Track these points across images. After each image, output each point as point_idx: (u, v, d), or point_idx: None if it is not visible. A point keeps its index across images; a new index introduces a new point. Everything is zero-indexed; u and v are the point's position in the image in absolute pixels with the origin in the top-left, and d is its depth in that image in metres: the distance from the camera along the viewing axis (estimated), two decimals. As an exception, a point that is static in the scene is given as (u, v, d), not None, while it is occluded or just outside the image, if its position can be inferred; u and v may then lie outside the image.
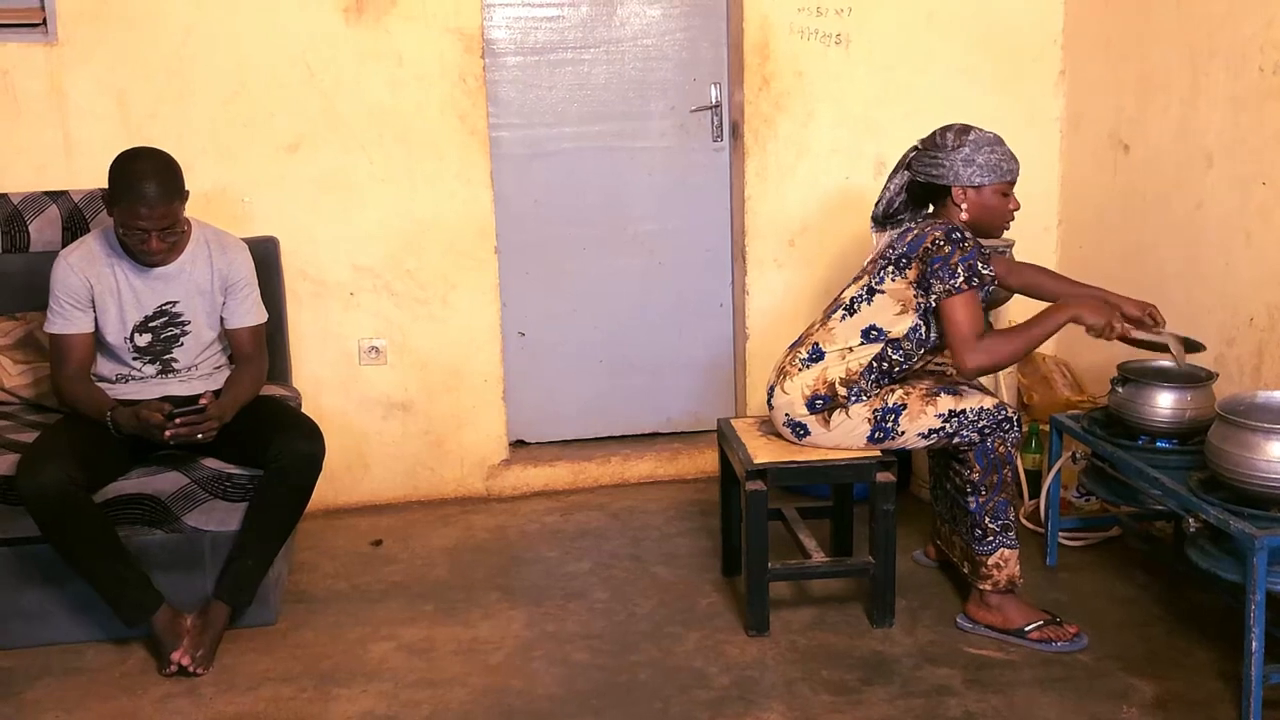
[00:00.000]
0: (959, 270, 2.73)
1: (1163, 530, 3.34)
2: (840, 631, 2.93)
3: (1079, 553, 3.33)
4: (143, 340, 3.00)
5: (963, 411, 2.83)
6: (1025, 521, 3.43)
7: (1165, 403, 2.87)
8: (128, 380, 3.02)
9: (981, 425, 2.83)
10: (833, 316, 2.93)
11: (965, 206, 2.84)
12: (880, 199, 2.99)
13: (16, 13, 3.49)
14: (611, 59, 3.99)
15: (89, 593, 2.84)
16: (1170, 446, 2.87)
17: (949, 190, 2.84)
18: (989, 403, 2.85)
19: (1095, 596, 3.08)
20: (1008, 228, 2.91)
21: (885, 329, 2.86)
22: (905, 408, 2.85)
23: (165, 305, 3.00)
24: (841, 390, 2.87)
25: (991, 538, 2.85)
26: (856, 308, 2.89)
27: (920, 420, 2.85)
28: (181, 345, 3.03)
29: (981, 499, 2.85)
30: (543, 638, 2.95)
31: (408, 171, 3.76)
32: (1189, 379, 2.88)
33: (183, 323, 3.02)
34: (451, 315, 3.87)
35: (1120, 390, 2.96)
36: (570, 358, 4.14)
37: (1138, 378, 2.93)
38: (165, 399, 2.91)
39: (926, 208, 2.96)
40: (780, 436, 3.01)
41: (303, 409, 3.28)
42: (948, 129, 2.88)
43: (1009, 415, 2.85)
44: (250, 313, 3.10)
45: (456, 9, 3.70)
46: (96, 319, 2.96)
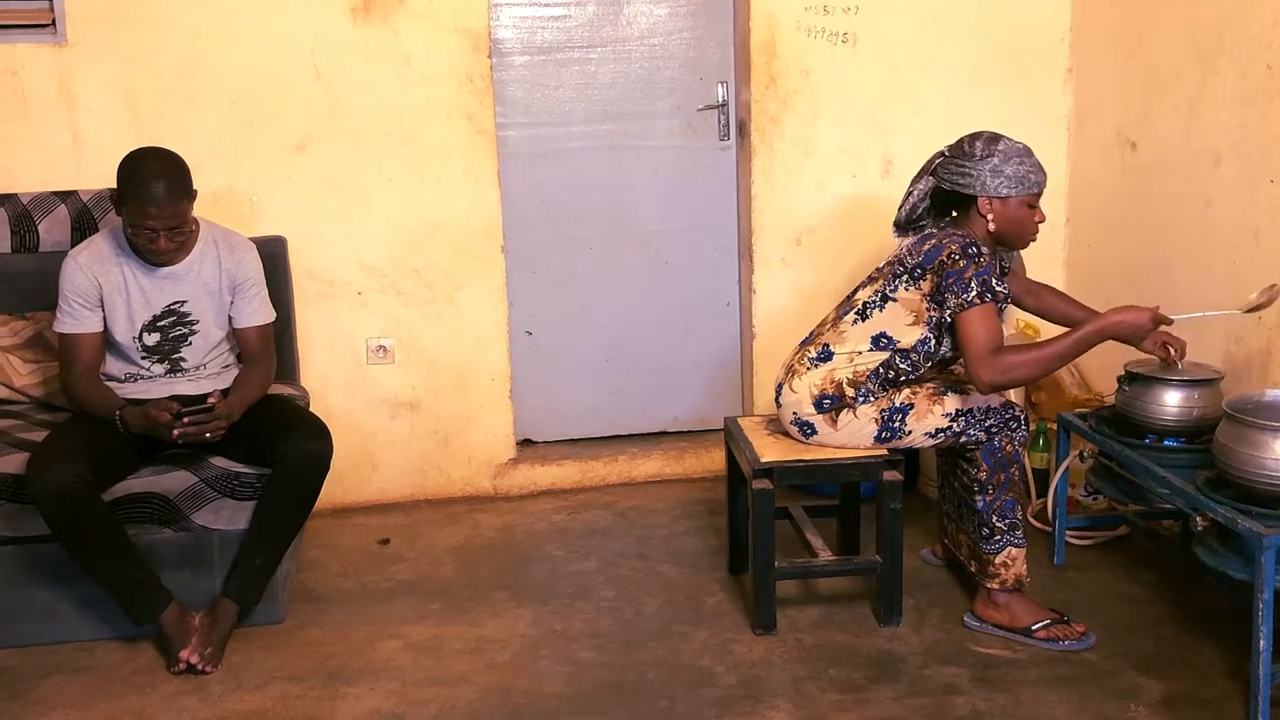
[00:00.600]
0: (972, 284, 2.69)
1: (1170, 529, 3.34)
2: (847, 630, 2.93)
3: (1086, 551, 3.32)
4: (151, 339, 3.00)
5: (970, 410, 2.83)
6: (1033, 520, 3.43)
7: (1173, 401, 2.87)
8: (136, 379, 3.02)
9: (989, 424, 2.82)
10: (844, 319, 2.92)
11: (991, 217, 2.79)
12: (903, 204, 2.93)
13: (26, 14, 3.51)
14: (618, 58, 4.00)
15: (98, 591, 2.86)
16: (1178, 445, 2.87)
17: (974, 199, 2.79)
18: (996, 401, 2.84)
19: (1103, 595, 3.07)
20: (1034, 240, 2.85)
21: (895, 338, 2.85)
22: (912, 407, 2.85)
23: (173, 305, 3.00)
24: (849, 391, 2.87)
25: (999, 536, 2.85)
26: (869, 313, 2.87)
27: (928, 420, 2.84)
28: (190, 344, 3.04)
29: (989, 498, 2.84)
30: (550, 636, 2.96)
31: (415, 171, 3.77)
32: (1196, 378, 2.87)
33: (191, 322, 3.03)
34: (459, 315, 3.87)
35: (1128, 389, 2.96)
36: (577, 357, 4.14)
37: (1145, 376, 2.93)
38: (173, 398, 2.91)
39: (950, 214, 2.90)
40: (787, 435, 3.00)
41: (311, 408, 3.29)
42: (976, 137, 2.81)
43: (1016, 414, 2.85)
44: (258, 312, 3.11)
45: (463, 9, 3.70)
46: (105, 318, 2.97)
